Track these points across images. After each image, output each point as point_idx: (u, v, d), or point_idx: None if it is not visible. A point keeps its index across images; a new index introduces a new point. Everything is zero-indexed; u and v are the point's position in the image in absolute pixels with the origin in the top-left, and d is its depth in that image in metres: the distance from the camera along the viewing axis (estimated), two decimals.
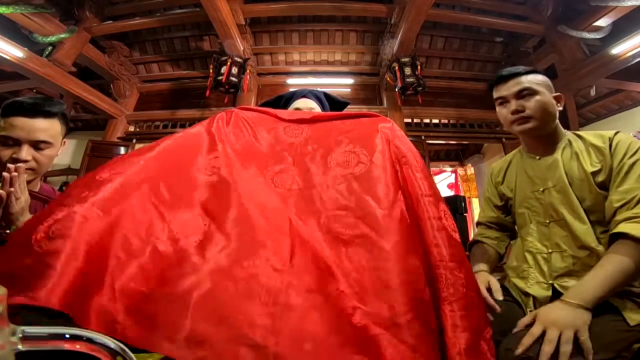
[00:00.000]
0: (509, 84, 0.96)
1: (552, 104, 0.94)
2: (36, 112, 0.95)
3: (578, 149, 0.91)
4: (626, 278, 0.73)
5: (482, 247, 1.08)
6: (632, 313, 0.74)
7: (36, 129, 0.94)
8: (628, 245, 0.74)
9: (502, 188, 1.09)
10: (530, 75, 0.95)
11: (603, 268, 0.75)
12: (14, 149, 0.93)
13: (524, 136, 1.01)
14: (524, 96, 0.93)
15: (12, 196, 0.82)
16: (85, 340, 0.33)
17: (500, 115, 1.01)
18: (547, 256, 0.91)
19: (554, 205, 0.91)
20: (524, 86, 0.93)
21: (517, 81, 0.94)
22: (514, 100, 0.94)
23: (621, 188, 0.81)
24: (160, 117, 5.65)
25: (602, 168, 0.85)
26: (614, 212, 0.81)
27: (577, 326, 0.68)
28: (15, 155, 0.92)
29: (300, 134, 0.91)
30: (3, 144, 0.93)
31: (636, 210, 0.77)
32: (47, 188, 1.15)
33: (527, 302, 0.92)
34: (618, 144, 0.85)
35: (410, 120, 5.66)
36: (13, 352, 0.31)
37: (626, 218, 0.76)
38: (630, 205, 0.78)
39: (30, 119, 0.94)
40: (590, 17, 4.12)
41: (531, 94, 0.93)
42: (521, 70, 0.96)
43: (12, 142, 0.93)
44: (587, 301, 0.72)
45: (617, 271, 0.73)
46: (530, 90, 0.93)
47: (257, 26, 5.27)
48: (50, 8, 4.15)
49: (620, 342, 0.70)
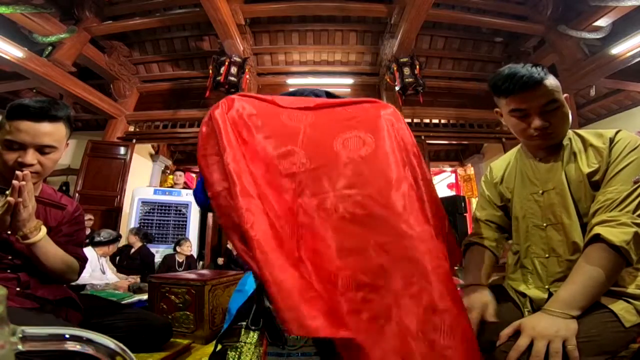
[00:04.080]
0: (532, 93, 0.82)
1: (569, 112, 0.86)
2: (42, 116, 0.95)
3: (577, 149, 0.89)
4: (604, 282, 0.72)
5: (479, 252, 1.04)
6: (626, 314, 0.73)
7: (42, 134, 0.94)
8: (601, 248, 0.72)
9: (501, 188, 1.07)
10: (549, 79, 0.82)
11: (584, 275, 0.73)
12: (19, 153, 0.93)
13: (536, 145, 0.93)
14: (548, 110, 0.82)
15: (20, 205, 0.84)
16: (85, 340, 0.34)
17: (516, 127, 0.90)
18: (544, 261, 0.89)
19: (553, 208, 0.89)
20: (551, 98, 0.81)
21: (543, 90, 0.81)
22: (538, 115, 0.83)
23: (608, 189, 0.79)
24: (160, 117, 5.65)
25: (598, 168, 0.83)
26: (594, 213, 0.79)
27: (565, 336, 0.66)
28: (21, 159, 0.92)
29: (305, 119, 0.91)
30: (8, 147, 0.93)
31: (614, 213, 0.75)
32: (48, 189, 1.15)
33: (524, 303, 0.92)
34: (617, 144, 0.83)
35: (410, 120, 5.65)
36: (13, 352, 0.31)
37: (602, 221, 0.75)
38: (609, 207, 0.76)
39: (36, 123, 0.94)
40: (590, 17, 4.12)
41: (557, 107, 0.82)
42: (542, 75, 0.81)
43: (17, 146, 0.93)
44: (573, 309, 0.70)
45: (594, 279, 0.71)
46: (557, 103, 0.82)
47: (257, 26, 5.27)
48: (50, 8, 4.15)
49: (617, 343, 0.70)
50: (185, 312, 1.45)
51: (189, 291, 1.46)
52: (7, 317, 0.30)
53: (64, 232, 1.13)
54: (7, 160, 0.93)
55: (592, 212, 0.80)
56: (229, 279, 1.64)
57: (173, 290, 1.46)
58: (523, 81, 0.81)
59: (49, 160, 0.99)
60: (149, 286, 1.54)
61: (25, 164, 0.92)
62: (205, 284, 1.45)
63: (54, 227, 1.10)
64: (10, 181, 0.87)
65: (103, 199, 4.80)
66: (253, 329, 0.78)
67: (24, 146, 0.93)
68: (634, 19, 3.73)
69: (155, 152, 6.96)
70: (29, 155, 0.93)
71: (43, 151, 0.96)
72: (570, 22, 4.37)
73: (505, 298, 0.97)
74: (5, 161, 0.93)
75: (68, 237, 1.14)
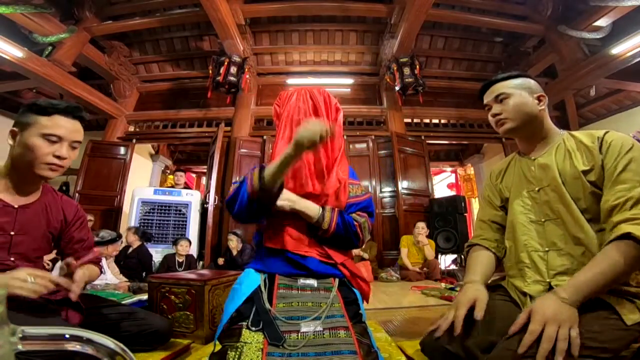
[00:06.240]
0: (489, 91, 1.05)
1: (528, 103, 0.98)
2: (75, 115, 1.04)
3: (570, 147, 0.93)
4: (620, 276, 0.74)
5: (480, 253, 1.06)
6: (629, 312, 0.74)
7: (75, 130, 1.03)
8: (628, 244, 0.74)
9: (500, 186, 1.11)
10: (506, 80, 1.02)
11: (599, 266, 0.75)
12: (56, 147, 0.99)
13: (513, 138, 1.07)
14: (500, 100, 1.01)
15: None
16: (85, 340, 0.33)
17: (490, 121, 1.10)
18: (543, 254, 0.91)
19: (550, 203, 0.92)
20: (500, 91, 1.01)
21: (494, 88, 1.03)
22: (494, 105, 1.03)
23: (616, 187, 0.81)
24: (160, 117, 5.66)
25: (592, 168, 0.87)
26: (610, 211, 0.81)
27: (572, 323, 0.70)
28: (58, 152, 0.99)
29: None
30: (48, 140, 0.98)
31: (635, 211, 0.77)
32: (48, 187, 1.16)
33: (524, 302, 0.93)
34: (610, 144, 0.86)
35: (410, 120, 5.67)
36: (13, 352, 0.31)
37: (626, 219, 0.77)
38: (627, 206, 0.78)
39: (72, 120, 1.03)
40: (590, 17, 4.12)
41: (506, 97, 1.00)
42: (499, 77, 1.05)
43: (56, 139, 0.99)
44: (582, 297, 0.73)
45: (612, 270, 0.73)
46: (505, 94, 1.00)
47: (257, 26, 5.27)
48: (50, 8, 4.15)
49: (618, 342, 0.71)
50: (185, 312, 1.45)
51: (189, 291, 1.45)
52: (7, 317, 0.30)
53: (75, 238, 1.17)
54: (44, 154, 0.97)
55: (607, 210, 0.82)
56: (229, 279, 1.63)
57: (173, 290, 1.46)
58: (484, 84, 1.07)
59: (73, 155, 1.06)
60: (149, 286, 1.54)
61: (62, 157, 0.99)
62: (205, 284, 1.45)
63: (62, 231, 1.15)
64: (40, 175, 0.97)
65: (103, 199, 4.81)
66: (253, 329, 0.78)
67: (61, 140, 1.00)
68: (634, 19, 3.74)
69: (155, 152, 6.96)
70: (65, 149, 1.00)
71: (72, 146, 1.04)
72: (570, 22, 4.38)
73: (505, 298, 0.98)
74: (41, 154, 0.97)
75: (81, 242, 1.19)
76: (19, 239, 1.01)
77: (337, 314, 0.85)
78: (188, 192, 4.60)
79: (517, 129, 0.99)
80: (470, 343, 0.82)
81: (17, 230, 1.01)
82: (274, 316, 0.82)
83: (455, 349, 0.83)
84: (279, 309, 0.85)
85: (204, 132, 5.43)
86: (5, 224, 0.99)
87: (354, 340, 0.77)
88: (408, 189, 4.91)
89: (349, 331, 0.80)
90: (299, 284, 0.94)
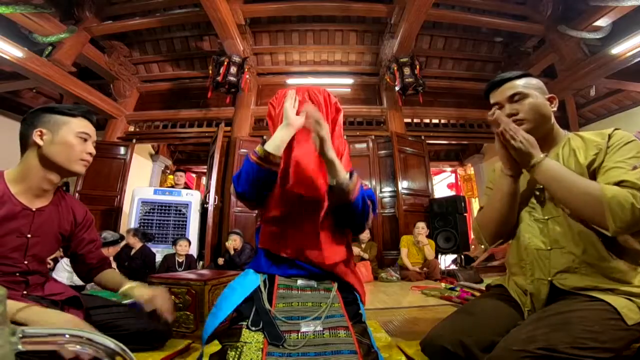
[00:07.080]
0: (501, 89, 1.00)
1: (545, 104, 0.96)
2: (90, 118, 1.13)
3: (576, 146, 0.93)
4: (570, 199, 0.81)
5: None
6: (629, 312, 0.74)
7: (94, 131, 1.13)
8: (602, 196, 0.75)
9: None
10: (521, 79, 0.99)
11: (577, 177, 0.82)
12: (86, 145, 1.08)
13: None
14: (516, 100, 0.97)
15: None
16: (85, 340, 0.33)
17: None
18: (546, 253, 0.91)
19: (554, 201, 0.92)
20: (516, 90, 0.97)
21: (508, 86, 0.98)
22: (508, 105, 0.98)
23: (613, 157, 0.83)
24: (160, 117, 5.65)
25: (596, 156, 0.87)
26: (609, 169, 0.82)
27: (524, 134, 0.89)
28: (90, 150, 1.09)
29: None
30: (81, 138, 1.06)
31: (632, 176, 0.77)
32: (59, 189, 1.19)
33: (525, 302, 0.93)
34: (614, 135, 0.88)
35: (410, 120, 5.66)
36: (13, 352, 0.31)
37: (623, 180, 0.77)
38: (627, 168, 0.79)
39: (91, 123, 1.12)
40: (590, 17, 4.12)
41: (523, 97, 0.96)
42: (513, 75, 1.00)
43: (87, 137, 1.08)
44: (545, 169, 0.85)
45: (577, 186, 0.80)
46: (522, 94, 0.96)
47: (257, 26, 5.27)
48: (50, 8, 4.15)
49: (619, 341, 0.71)
50: (185, 312, 1.45)
51: (189, 291, 1.46)
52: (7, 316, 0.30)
53: (87, 239, 1.21)
54: (81, 151, 1.06)
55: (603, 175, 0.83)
56: (229, 279, 1.64)
57: (173, 290, 1.46)
58: (496, 80, 1.02)
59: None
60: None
61: (93, 154, 1.10)
62: (205, 284, 1.45)
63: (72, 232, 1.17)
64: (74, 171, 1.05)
65: (103, 199, 4.81)
66: (253, 329, 0.79)
67: (90, 138, 1.09)
68: (634, 19, 3.73)
69: (155, 152, 6.96)
70: (91, 146, 1.09)
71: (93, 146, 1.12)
72: (570, 22, 4.37)
73: (506, 298, 0.98)
74: (79, 151, 1.05)
75: (93, 243, 1.23)
76: (34, 241, 1.03)
77: (337, 313, 0.85)
78: (188, 192, 4.60)
79: (532, 130, 0.94)
80: (470, 342, 0.82)
81: (33, 232, 1.03)
82: (274, 316, 0.82)
83: (455, 348, 0.83)
84: (279, 309, 0.85)
85: (204, 132, 5.43)
86: (23, 227, 1.00)
87: (354, 340, 0.77)
88: (408, 189, 4.91)
89: (348, 331, 0.80)
90: (299, 284, 0.94)
